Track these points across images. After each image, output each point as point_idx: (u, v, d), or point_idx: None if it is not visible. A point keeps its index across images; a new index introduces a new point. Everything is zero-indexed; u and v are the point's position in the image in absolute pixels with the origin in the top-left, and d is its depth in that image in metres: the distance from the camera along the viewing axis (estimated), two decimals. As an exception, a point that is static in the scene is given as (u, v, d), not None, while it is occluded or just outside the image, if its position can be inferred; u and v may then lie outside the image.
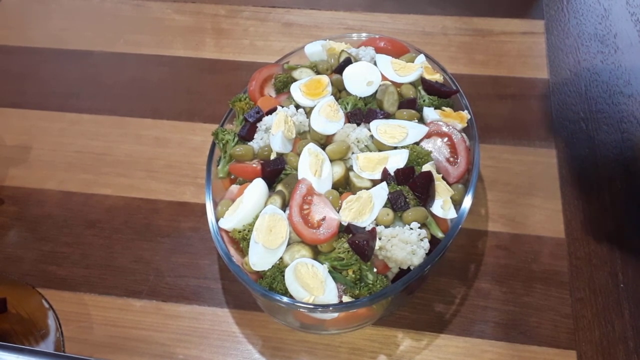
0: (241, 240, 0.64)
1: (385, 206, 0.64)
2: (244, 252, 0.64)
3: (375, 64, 0.76)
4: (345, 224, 0.62)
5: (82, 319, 0.72)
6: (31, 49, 1.05)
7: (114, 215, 0.82)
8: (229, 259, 0.63)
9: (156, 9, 1.10)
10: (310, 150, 0.67)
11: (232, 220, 0.65)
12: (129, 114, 0.94)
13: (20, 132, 0.92)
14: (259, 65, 0.81)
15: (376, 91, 0.73)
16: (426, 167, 0.66)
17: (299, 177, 0.65)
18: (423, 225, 0.64)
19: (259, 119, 0.73)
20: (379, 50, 0.79)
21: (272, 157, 0.70)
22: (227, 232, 0.66)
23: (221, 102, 0.85)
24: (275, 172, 0.68)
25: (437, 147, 0.69)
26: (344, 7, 1.07)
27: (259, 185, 0.66)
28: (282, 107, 0.72)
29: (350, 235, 0.61)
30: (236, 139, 0.73)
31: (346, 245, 0.60)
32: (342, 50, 0.78)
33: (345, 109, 0.72)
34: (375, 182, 0.66)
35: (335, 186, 0.67)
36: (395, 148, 0.68)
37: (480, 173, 0.82)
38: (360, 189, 0.65)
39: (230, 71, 0.98)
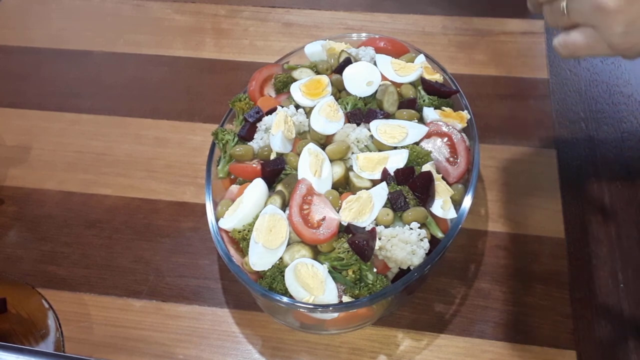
0: (241, 240, 0.64)
1: (385, 206, 0.64)
2: (244, 252, 0.64)
3: (375, 64, 0.76)
4: (345, 224, 0.62)
5: (82, 319, 0.72)
6: (31, 49, 1.05)
7: (114, 215, 0.82)
8: (229, 259, 0.63)
9: (156, 9, 1.10)
10: (310, 150, 0.67)
11: (232, 220, 0.65)
12: (129, 114, 0.94)
13: (20, 132, 0.92)
14: (259, 65, 0.81)
15: (376, 91, 0.73)
16: (426, 167, 0.66)
17: (299, 177, 0.65)
18: (423, 225, 0.63)
19: (259, 119, 0.73)
20: (378, 50, 0.79)
21: (272, 157, 0.70)
22: (227, 232, 0.66)
23: (221, 102, 0.85)
24: (275, 172, 0.68)
25: (437, 147, 0.69)
26: (344, 7, 1.07)
27: (259, 185, 0.66)
28: (282, 107, 0.72)
29: (350, 235, 0.61)
30: (236, 139, 0.73)
31: (346, 245, 0.60)
32: (342, 50, 0.78)
33: (345, 109, 0.72)
34: (375, 182, 0.66)
35: (335, 186, 0.67)
36: (395, 148, 0.68)
37: (480, 173, 0.82)
38: (360, 189, 0.65)
39: (230, 71, 0.98)
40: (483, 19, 1.02)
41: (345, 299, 0.60)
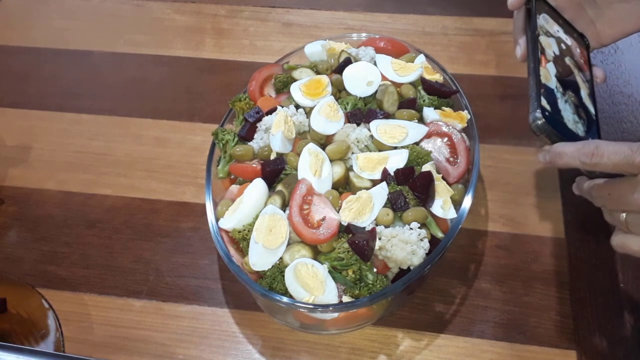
0: (241, 240, 0.64)
1: (385, 206, 0.64)
2: (244, 252, 0.64)
3: (375, 64, 0.76)
4: (345, 224, 0.62)
5: (82, 319, 0.72)
6: (32, 49, 1.05)
7: (114, 215, 0.82)
8: (229, 259, 0.63)
9: (156, 9, 1.10)
10: (310, 150, 0.67)
11: (232, 220, 0.65)
12: (129, 114, 0.94)
13: (20, 132, 0.92)
14: (259, 65, 0.81)
15: (376, 91, 0.73)
16: (426, 167, 0.66)
17: (299, 177, 0.65)
18: (423, 225, 0.63)
19: (259, 119, 0.73)
20: (379, 50, 0.79)
21: (272, 157, 0.70)
22: (227, 232, 0.66)
23: (221, 102, 0.85)
24: (275, 172, 0.68)
25: (437, 147, 0.69)
26: (344, 7, 1.07)
27: (259, 185, 0.66)
28: (282, 107, 0.72)
29: (350, 235, 0.61)
30: (236, 139, 0.73)
31: (346, 245, 0.60)
32: (342, 50, 0.78)
33: (345, 109, 0.72)
34: (375, 182, 0.66)
35: (335, 186, 0.67)
36: (395, 148, 0.68)
37: (480, 173, 0.82)
38: (360, 189, 0.65)
39: (230, 71, 0.98)
40: (483, 19, 1.02)
41: (345, 299, 0.60)
